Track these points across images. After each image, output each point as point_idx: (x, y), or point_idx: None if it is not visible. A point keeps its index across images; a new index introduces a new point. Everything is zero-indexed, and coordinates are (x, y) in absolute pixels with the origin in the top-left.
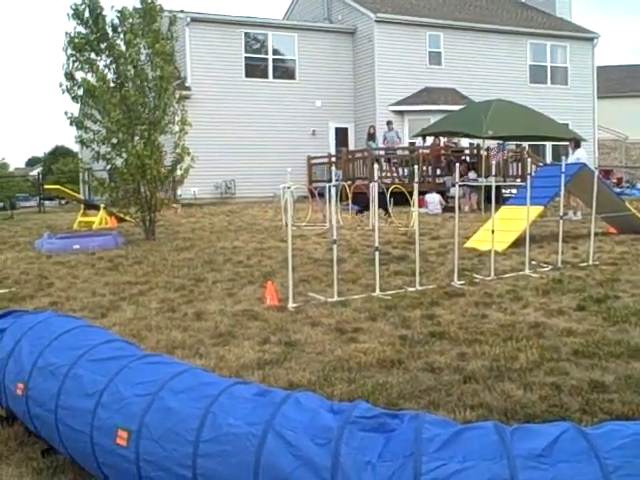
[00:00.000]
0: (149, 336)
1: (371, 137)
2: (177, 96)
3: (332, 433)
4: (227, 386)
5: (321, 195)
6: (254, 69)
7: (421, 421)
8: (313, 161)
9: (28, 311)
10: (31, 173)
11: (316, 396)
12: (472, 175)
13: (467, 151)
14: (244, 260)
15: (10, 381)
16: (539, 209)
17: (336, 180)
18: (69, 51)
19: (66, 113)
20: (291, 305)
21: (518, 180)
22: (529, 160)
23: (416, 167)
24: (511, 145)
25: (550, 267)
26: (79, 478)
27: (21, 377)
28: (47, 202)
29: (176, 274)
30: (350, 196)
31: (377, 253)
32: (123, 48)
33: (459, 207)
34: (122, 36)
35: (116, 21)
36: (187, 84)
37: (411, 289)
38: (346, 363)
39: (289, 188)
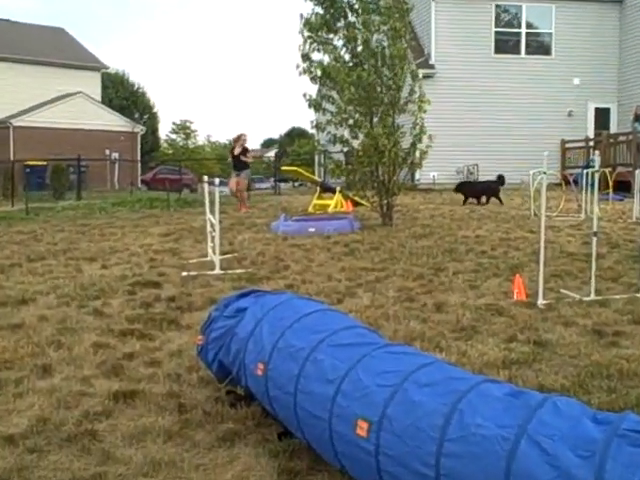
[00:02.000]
0: (386, 325)
1: (638, 119)
2: (419, 75)
3: (596, 445)
4: (476, 383)
5: (575, 182)
6: (504, 45)
7: None
8: (567, 145)
9: (269, 291)
10: (266, 154)
11: (577, 402)
12: None
13: None
14: (488, 250)
15: (250, 361)
16: None
17: (591, 166)
18: (305, 33)
19: (304, 95)
20: (541, 302)
21: None
22: None
23: None
24: None
25: None
26: (315, 465)
27: (261, 357)
28: (282, 184)
29: (414, 262)
30: (611, 184)
31: None
32: (359, 27)
33: None
34: (357, 15)
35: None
36: (431, 62)
37: None
38: (605, 369)
39: (544, 174)
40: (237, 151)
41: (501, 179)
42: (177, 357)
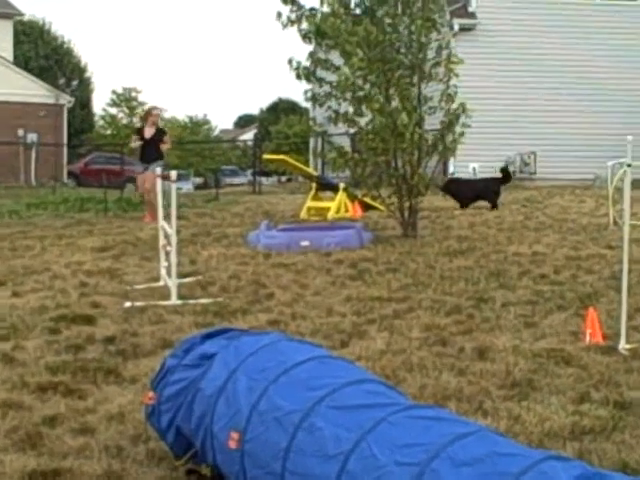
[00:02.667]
0: (409, 378)
1: None
2: (454, 27)
3: None
4: (534, 462)
5: None
6: None
7: None
8: None
9: (246, 331)
10: (242, 137)
11: None
12: None
13: None
14: (550, 274)
15: (220, 428)
16: None
17: None
18: None
19: (290, 62)
20: (623, 346)
21: None
22: None
23: None
24: None
25: None
26: None
27: (236, 423)
28: (263, 179)
29: (447, 290)
30: None
31: None
32: None
33: None
34: None
35: None
36: (470, 9)
37: None
38: None
39: (629, 166)
40: (149, 133)
41: (506, 175)
42: (117, 422)
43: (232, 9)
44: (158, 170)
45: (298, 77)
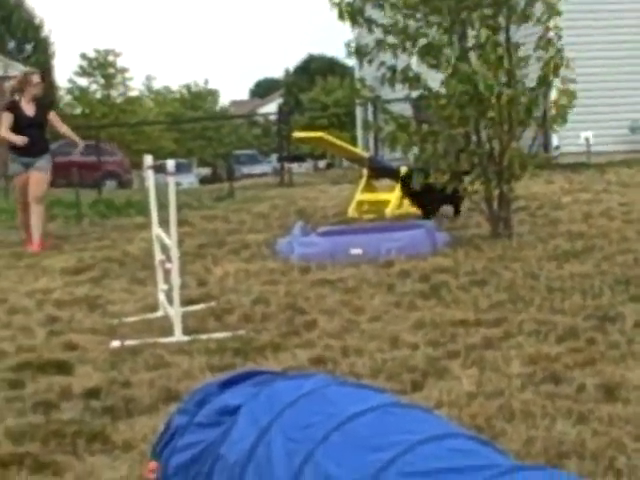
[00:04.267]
0: (509, 430)
1: None
2: None
3: None
4: None
5: None
6: None
7: None
8: None
9: (279, 374)
10: (262, 110)
11: None
12: None
13: None
14: None
15: None
16: None
17: None
18: None
19: None
20: None
21: None
22: None
23: None
24: None
25: None
26: None
27: None
28: (294, 165)
29: (558, 306)
30: None
31: None
32: None
33: None
34: None
35: None
36: None
37: None
38: None
39: None
40: (30, 111)
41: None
42: None
43: None
44: (44, 165)
45: (341, 16)
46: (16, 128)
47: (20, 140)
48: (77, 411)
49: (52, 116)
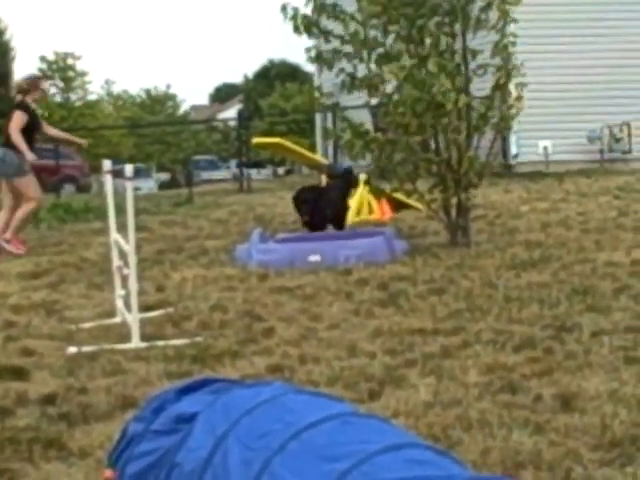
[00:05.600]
0: (467, 439)
1: None
2: None
3: None
4: None
5: None
6: None
7: None
8: None
9: (237, 382)
10: (221, 115)
11: None
12: None
13: None
14: None
15: None
16: None
17: None
18: None
19: (284, 9)
20: None
21: None
22: None
23: None
24: None
25: None
26: None
27: None
28: (253, 171)
29: (515, 316)
30: None
31: None
32: None
33: None
34: None
35: None
36: None
37: None
38: None
39: None
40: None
41: (349, 177)
42: None
43: None
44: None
45: (296, 30)
46: (32, 129)
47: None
48: (33, 417)
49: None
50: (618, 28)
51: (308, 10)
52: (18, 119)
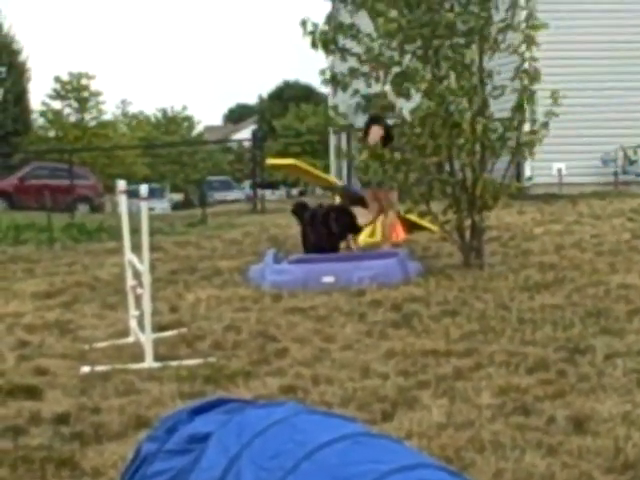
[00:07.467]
0: (479, 461)
1: None
2: None
3: None
4: None
5: None
6: None
7: None
8: None
9: (250, 402)
10: (234, 136)
11: None
12: None
13: None
14: None
15: None
16: None
17: None
18: None
19: (304, 23)
20: None
21: None
22: None
23: None
24: None
25: None
26: None
27: None
28: (267, 192)
29: (529, 338)
30: None
31: None
32: None
33: None
34: None
35: None
36: None
37: None
38: None
39: None
40: None
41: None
42: None
43: None
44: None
45: (314, 45)
46: None
47: None
48: (46, 437)
49: None
50: (633, 50)
51: (327, 27)
52: None
